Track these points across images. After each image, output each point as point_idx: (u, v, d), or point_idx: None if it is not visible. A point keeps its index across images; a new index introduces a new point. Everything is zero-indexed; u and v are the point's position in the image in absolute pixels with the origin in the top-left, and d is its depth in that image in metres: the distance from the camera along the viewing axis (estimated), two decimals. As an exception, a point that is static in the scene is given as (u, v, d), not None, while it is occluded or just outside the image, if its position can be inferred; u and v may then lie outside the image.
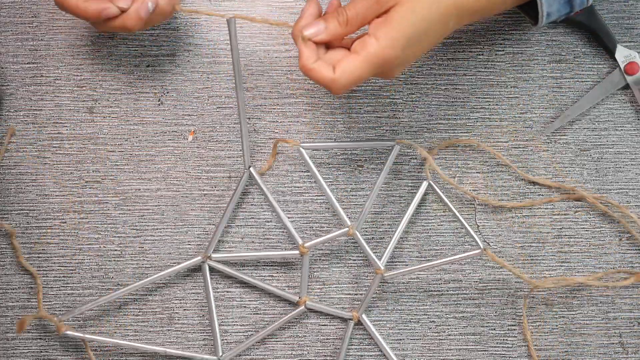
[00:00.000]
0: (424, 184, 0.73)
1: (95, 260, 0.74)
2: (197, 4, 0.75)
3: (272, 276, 0.74)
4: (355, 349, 0.74)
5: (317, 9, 0.62)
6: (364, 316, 0.72)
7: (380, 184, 0.72)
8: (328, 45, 0.61)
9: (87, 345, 0.72)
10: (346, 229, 0.71)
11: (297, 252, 0.71)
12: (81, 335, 0.71)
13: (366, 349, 0.74)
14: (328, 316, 0.74)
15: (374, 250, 0.73)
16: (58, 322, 0.70)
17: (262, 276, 0.74)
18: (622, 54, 0.74)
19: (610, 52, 0.74)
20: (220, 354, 0.72)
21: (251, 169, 0.72)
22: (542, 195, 0.75)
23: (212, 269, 0.73)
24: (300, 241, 0.70)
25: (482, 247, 0.70)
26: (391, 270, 0.72)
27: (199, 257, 0.72)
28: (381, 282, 0.74)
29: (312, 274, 0.74)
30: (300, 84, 0.75)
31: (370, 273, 0.74)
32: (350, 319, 0.72)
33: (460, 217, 0.71)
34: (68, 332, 0.71)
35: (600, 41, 0.74)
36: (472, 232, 0.70)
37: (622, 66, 0.74)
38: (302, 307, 0.73)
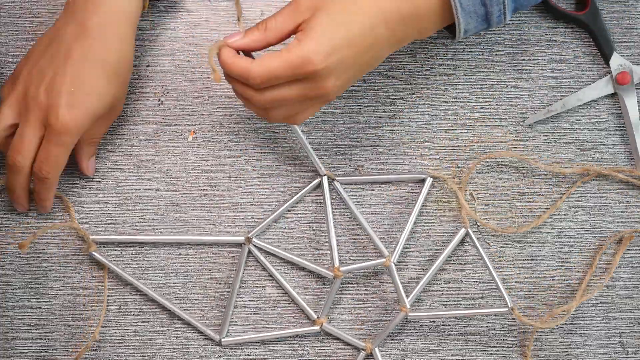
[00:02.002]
0: (462, 232, 0.73)
1: (95, 260, 0.74)
2: (200, 2, 0.75)
3: (298, 284, 0.74)
4: None
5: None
6: (376, 350, 0.72)
7: (414, 217, 0.73)
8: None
9: (106, 276, 0.73)
10: (383, 259, 0.71)
11: (330, 273, 0.71)
12: (105, 260, 0.72)
13: None
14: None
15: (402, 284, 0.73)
16: (89, 237, 0.72)
17: (288, 278, 0.74)
18: (617, 62, 0.74)
19: (605, 58, 0.74)
20: (224, 335, 0.72)
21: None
22: (542, 195, 0.75)
23: (249, 253, 0.73)
24: (384, 258, 0.71)
25: (510, 306, 0.70)
26: (415, 310, 0.72)
27: (242, 238, 0.73)
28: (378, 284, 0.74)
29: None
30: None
31: (393, 307, 0.74)
32: (363, 349, 0.73)
33: (493, 272, 0.71)
34: (94, 253, 0.72)
35: (598, 45, 0.74)
36: (502, 290, 0.71)
37: (614, 74, 0.74)
38: (317, 327, 0.73)
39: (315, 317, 0.73)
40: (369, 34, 0.59)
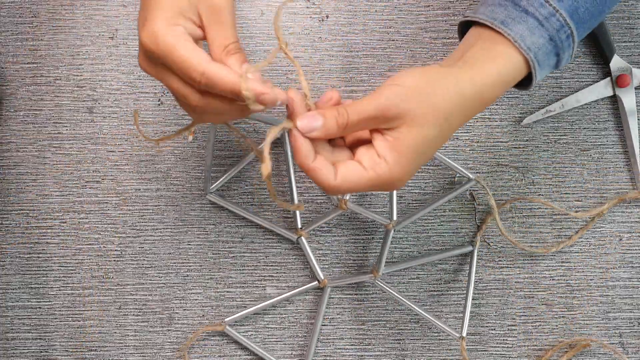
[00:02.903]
0: (475, 252, 0.74)
1: (95, 260, 0.74)
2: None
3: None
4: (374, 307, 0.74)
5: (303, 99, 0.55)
6: (378, 282, 0.72)
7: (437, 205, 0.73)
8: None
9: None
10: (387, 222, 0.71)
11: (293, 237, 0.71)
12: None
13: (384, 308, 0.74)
14: (340, 341, 0.74)
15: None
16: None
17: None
18: (617, 64, 0.74)
19: (605, 60, 0.74)
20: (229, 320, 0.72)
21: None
22: (542, 195, 0.75)
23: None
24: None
25: (458, 336, 0.71)
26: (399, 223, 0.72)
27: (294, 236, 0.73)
28: (399, 279, 0.74)
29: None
30: (300, 84, 0.75)
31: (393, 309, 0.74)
32: (371, 277, 0.72)
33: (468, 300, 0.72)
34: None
35: (599, 47, 0.74)
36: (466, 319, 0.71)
37: (613, 76, 0.74)
38: (327, 287, 0.74)
39: (322, 278, 0.73)
40: (446, 137, 0.55)
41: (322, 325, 0.74)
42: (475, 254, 0.73)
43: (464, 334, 0.70)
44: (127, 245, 0.74)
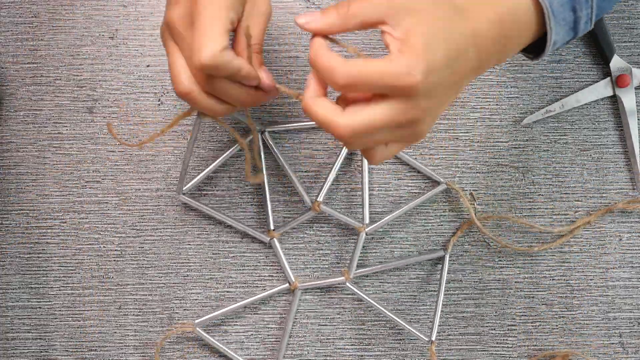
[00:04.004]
0: (446, 258, 0.74)
1: (95, 260, 0.74)
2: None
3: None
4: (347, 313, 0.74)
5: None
6: (349, 284, 0.72)
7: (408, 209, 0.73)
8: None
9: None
10: (311, 209, 0.72)
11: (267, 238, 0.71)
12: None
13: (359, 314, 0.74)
14: (340, 340, 0.74)
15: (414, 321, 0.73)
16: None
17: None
18: (617, 64, 0.74)
19: (605, 60, 0.74)
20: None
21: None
22: (542, 195, 0.75)
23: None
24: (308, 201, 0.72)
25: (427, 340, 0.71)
26: (372, 228, 0.72)
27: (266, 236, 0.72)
28: (381, 283, 0.74)
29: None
30: (300, 84, 0.75)
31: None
32: (343, 280, 0.73)
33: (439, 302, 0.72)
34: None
35: (599, 47, 0.74)
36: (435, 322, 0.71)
37: (613, 76, 0.74)
38: (298, 290, 0.73)
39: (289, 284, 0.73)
40: (462, 58, 0.52)
41: (322, 325, 0.74)
42: (447, 259, 0.73)
43: (433, 338, 0.71)
44: (127, 245, 0.74)
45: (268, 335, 0.74)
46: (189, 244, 0.74)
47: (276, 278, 0.75)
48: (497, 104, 0.75)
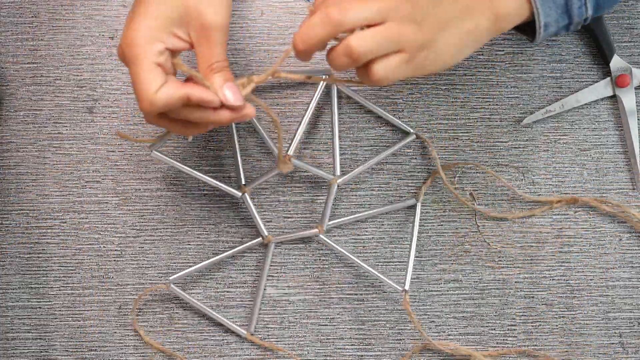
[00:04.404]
0: (418, 206, 0.74)
1: (95, 260, 0.74)
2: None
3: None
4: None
5: None
6: (322, 236, 0.72)
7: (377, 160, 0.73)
8: None
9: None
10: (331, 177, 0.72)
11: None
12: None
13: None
14: (340, 340, 0.74)
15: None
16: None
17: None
18: (617, 64, 0.74)
19: (605, 60, 0.74)
20: (244, 332, 0.72)
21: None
22: (542, 195, 0.75)
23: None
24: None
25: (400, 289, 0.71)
26: (343, 176, 0.72)
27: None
28: (355, 237, 0.74)
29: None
30: (299, 84, 0.75)
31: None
32: (316, 232, 0.72)
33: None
34: None
35: (599, 47, 0.74)
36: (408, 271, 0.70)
37: (613, 76, 0.74)
38: (271, 244, 0.73)
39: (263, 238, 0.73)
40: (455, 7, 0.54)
41: (322, 325, 0.74)
42: (419, 207, 0.74)
43: (407, 288, 0.71)
44: (127, 245, 0.74)
45: (244, 292, 0.74)
46: (189, 244, 0.74)
47: (276, 278, 0.74)
48: (497, 104, 0.75)
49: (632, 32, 0.75)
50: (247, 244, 0.73)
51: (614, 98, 0.75)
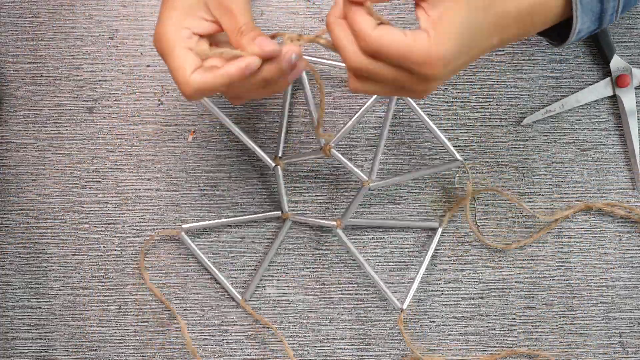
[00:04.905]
0: (439, 232, 0.74)
1: (95, 260, 0.74)
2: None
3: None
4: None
5: None
6: (339, 230, 0.72)
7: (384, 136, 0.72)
8: None
9: None
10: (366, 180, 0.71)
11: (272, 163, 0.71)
12: None
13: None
14: (340, 340, 0.74)
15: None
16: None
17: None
18: (617, 64, 0.74)
19: (605, 60, 0.74)
20: (239, 297, 0.72)
21: None
22: (542, 195, 0.75)
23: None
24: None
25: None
26: (376, 181, 0.71)
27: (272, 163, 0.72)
28: (373, 244, 0.74)
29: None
30: (299, 84, 0.75)
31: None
32: (333, 227, 0.72)
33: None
34: None
35: (599, 47, 0.74)
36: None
37: (613, 76, 0.74)
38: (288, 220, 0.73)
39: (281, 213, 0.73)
40: (484, 45, 0.53)
41: (322, 325, 0.74)
42: (439, 232, 0.73)
43: (404, 307, 0.71)
44: (127, 245, 0.74)
45: (250, 260, 0.74)
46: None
47: (276, 278, 0.74)
48: (497, 104, 0.75)
49: (632, 32, 0.75)
50: (265, 214, 0.73)
51: (614, 98, 0.75)
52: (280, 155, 0.73)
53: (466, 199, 0.72)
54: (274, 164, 0.72)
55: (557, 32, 0.59)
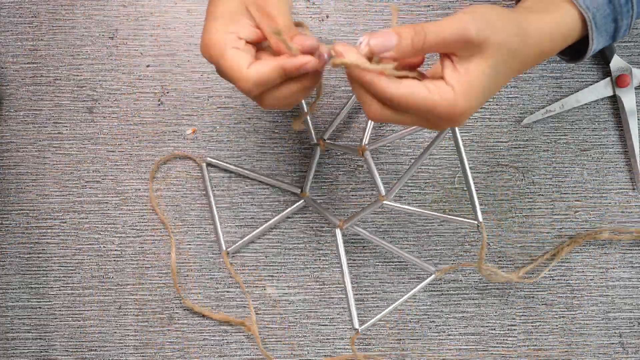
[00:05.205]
0: (430, 277, 0.73)
1: (95, 260, 0.74)
2: (199, 2, 0.75)
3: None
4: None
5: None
6: (338, 231, 0.70)
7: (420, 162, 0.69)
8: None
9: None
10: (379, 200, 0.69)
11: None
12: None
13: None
14: (341, 341, 0.74)
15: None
16: None
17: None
18: (617, 64, 0.74)
19: (605, 60, 0.74)
20: (224, 248, 0.74)
21: None
22: (542, 195, 0.75)
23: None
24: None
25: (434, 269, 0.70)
26: (391, 200, 0.69)
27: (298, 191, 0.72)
28: (381, 282, 0.74)
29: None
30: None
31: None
32: (336, 227, 0.71)
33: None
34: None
35: (599, 47, 0.74)
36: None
37: (613, 76, 0.74)
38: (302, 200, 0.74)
39: (299, 191, 0.73)
40: (504, 83, 0.54)
41: (322, 325, 0.74)
42: (431, 278, 0.73)
43: (360, 328, 0.67)
44: (127, 245, 0.74)
45: (253, 221, 0.74)
46: (189, 244, 0.74)
47: (276, 278, 0.74)
48: (497, 104, 0.75)
49: (632, 32, 0.75)
50: (286, 184, 0.73)
51: (614, 98, 0.75)
52: (325, 138, 0.73)
53: (479, 261, 0.68)
54: (315, 141, 0.72)
55: (569, 47, 0.59)
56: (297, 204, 0.73)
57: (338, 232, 0.71)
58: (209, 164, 0.73)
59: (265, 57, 0.56)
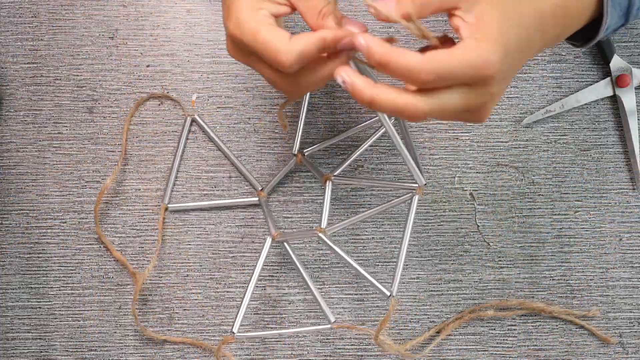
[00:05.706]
0: (415, 199, 0.70)
1: (95, 260, 0.74)
2: (200, 2, 0.75)
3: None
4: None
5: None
6: (321, 235, 0.67)
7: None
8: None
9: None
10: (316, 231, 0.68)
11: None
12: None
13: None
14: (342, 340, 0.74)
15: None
16: None
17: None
18: (617, 64, 0.74)
19: (605, 60, 0.74)
20: (166, 201, 0.73)
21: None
22: (542, 195, 0.75)
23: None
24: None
25: (332, 321, 0.67)
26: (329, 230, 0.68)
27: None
28: (382, 282, 0.74)
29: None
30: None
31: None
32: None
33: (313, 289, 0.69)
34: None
35: (599, 47, 0.74)
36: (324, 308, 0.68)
37: (613, 76, 0.74)
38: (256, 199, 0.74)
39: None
40: (530, 40, 0.52)
41: (322, 325, 0.74)
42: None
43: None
44: (127, 245, 0.74)
45: (244, 292, 0.74)
46: (189, 244, 0.74)
47: (276, 278, 0.74)
48: (497, 104, 0.75)
49: (632, 32, 0.75)
50: (243, 199, 0.74)
51: (614, 98, 0.75)
52: (306, 153, 0.74)
53: (377, 331, 0.64)
54: (295, 152, 0.73)
55: (582, 32, 0.58)
56: (250, 199, 0.73)
57: (268, 239, 0.69)
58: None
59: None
